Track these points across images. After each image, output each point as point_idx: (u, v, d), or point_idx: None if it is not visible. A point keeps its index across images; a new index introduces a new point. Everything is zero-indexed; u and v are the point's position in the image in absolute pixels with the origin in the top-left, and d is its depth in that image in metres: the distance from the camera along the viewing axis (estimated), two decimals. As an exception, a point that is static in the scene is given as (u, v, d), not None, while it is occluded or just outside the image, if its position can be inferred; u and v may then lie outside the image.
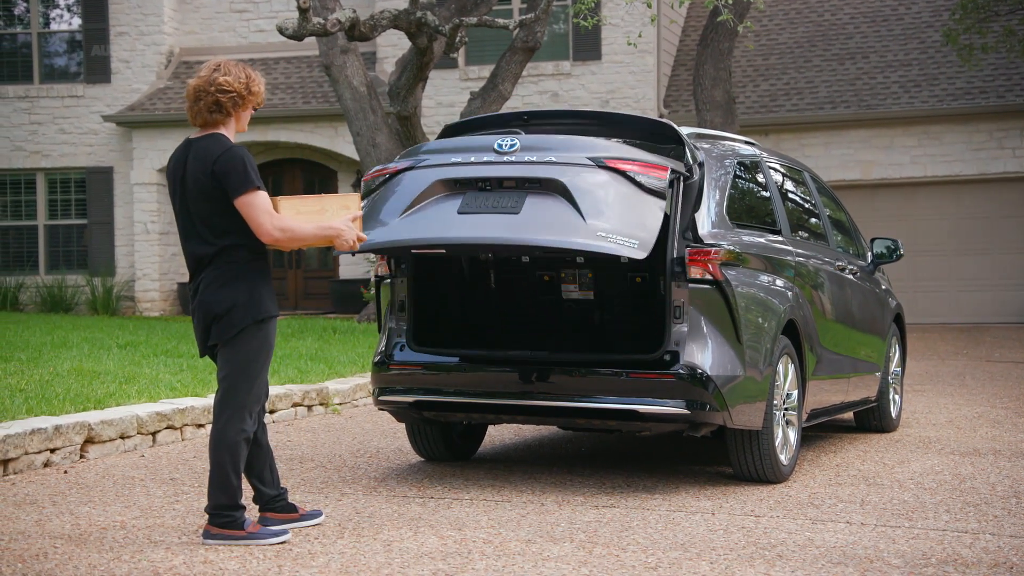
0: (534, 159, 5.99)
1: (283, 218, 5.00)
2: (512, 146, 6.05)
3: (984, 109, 18.67)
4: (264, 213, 4.95)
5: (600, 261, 6.99)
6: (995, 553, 4.98)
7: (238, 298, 5.03)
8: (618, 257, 5.81)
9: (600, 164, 5.92)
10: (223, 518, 5.05)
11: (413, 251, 6.24)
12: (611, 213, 5.78)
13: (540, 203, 5.86)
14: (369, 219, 6.07)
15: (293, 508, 5.38)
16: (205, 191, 5.03)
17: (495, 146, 6.09)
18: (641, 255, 5.68)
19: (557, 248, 5.83)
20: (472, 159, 6.10)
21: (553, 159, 5.96)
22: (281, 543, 5.06)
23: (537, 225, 5.81)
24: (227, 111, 5.07)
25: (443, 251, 6.29)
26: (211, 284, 5.07)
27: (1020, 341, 16.01)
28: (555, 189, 5.88)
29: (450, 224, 5.94)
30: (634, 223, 5.75)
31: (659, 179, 5.88)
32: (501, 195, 5.95)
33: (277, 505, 5.35)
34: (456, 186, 6.07)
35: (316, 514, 5.44)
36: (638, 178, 5.87)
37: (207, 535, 5.07)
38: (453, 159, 6.15)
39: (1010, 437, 8.14)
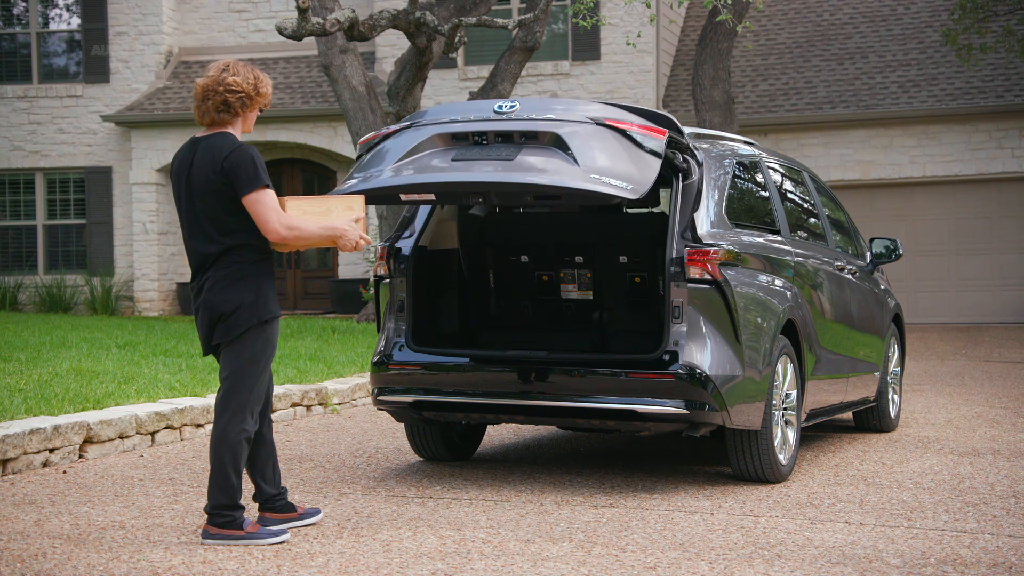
0: (533, 116, 6.02)
1: (290, 217, 5.01)
2: (512, 107, 6.10)
3: (983, 109, 18.67)
4: (272, 211, 4.96)
5: (599, 260, 6.99)
6: (994, 553, 4.98)
7: (244, 298, 5.04)
8: (610, 198, 5.68)
9: (599, 123, 5.96)
10: (222, 518, 5.05)
11: (402, 198, 6.09)
12: (606, 160, 5.78)
13: (535, 152, 5.89)
14: (360, 171, 6.09)
15: (292, 508, 5.39)
16: (213, 188, 5.03)
17: (495, 108, 6.14)
18: (633, 196, 5.66)
19: (548, 188, 5.75)
20: (472, 117, 6.15)
21: (552, 117, 6.01)
22: (280, 543, 5.06)
23: (530, 169, 5.81)
24: (235, 111, 5.09)
25: (432, 197, 6.12)
26: (217, 283, 5.06)
27: (1019, 341, 16.01)
28: (551, 142, 5.89)
29: (441, 170, 5.96)
30: (629, 171, 5.75)
31: (657, 139, 5.88)
32: (497, 147, 5.98)
33: (277, 504, 5.35)
34: (452, 140, 6.10)
35: (314, 512, 5.45)
36: (636, 136, 5.89)
37: (206, 535, 5.07)
38: (452, 117, 6.19)
39: (1009, 437, 8.14)
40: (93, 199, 21.70)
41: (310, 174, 21.84)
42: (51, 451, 6.86)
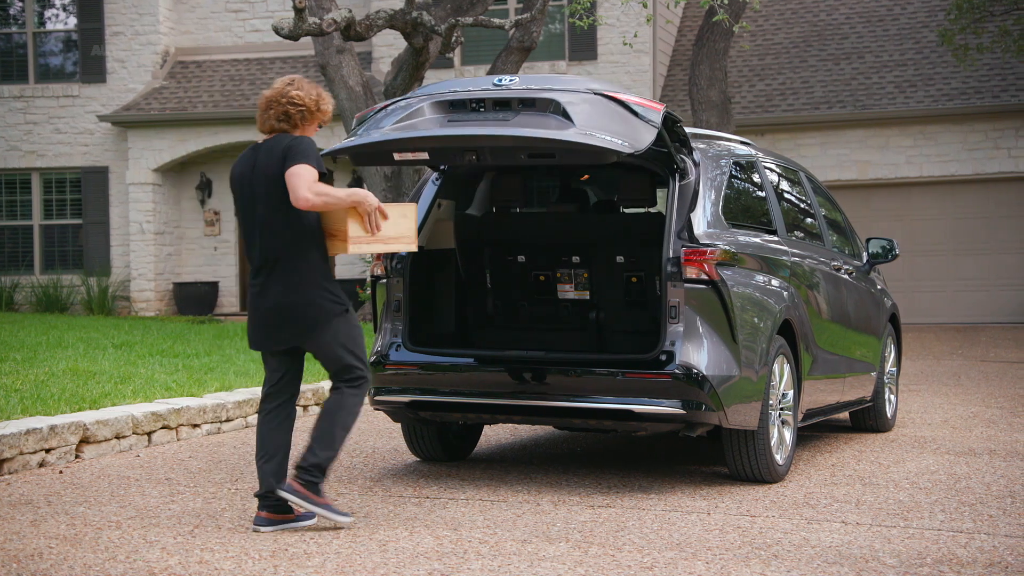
0: (533, 86, 6.05)
1: (320, 184, 5.20)
2: (512, 80, 6.13)
3: (979, 109, 18.69)
4: (305, 181, 5.15)
5: (596, 260, 6.99)
6: (990, 553, 4.98)
7: (319, 295, 5.29)
8: (605, 153, 5.68)
9: (598, 94, 5.98)
10: (311, 476, 5.23)
11: (395, 156, 6.08)
12: (603, 123, 5.80)
13: (532, 115, 5.92)
14: (353, 135, 6.15)
15: (288, 510, 5.37)
16: (278, 181, 5.23)
17: (494, 81, 6.16)
18: (628, 151, 5.67)
19: (542, 142, 5.75)
20: (471, 88, 6.18)
21: (551, 87, 6.04)
22: (346, 524, 5.28)
23: (526, 127, 5.84)
24: (294, 122, 5.36)
25: (425, 155, 6.09)
26: (287, 286, 5.26)
27: (1016, 341, 16.03)
28: (549, 108, 5.92)
29: (436, 129, 6.00)
30: (626, 132, 5.77)
31: (655, 111, 5.90)
32: (494, 112, 6.00)
33: (268, 504, 5.33)
34: (449, 107, 6.12)
35: (309, 516, 5.43)
36: (635, 107, 5.91)
37: (287, 488, 5.23)
38: (451, 89, 6.22)
39: (1005, 437, 8.15)
40: (89, 199, 21.68)
41: (307, 174, 21.81)
42: (47, 451, 6.85)
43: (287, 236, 5.26)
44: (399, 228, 5.45)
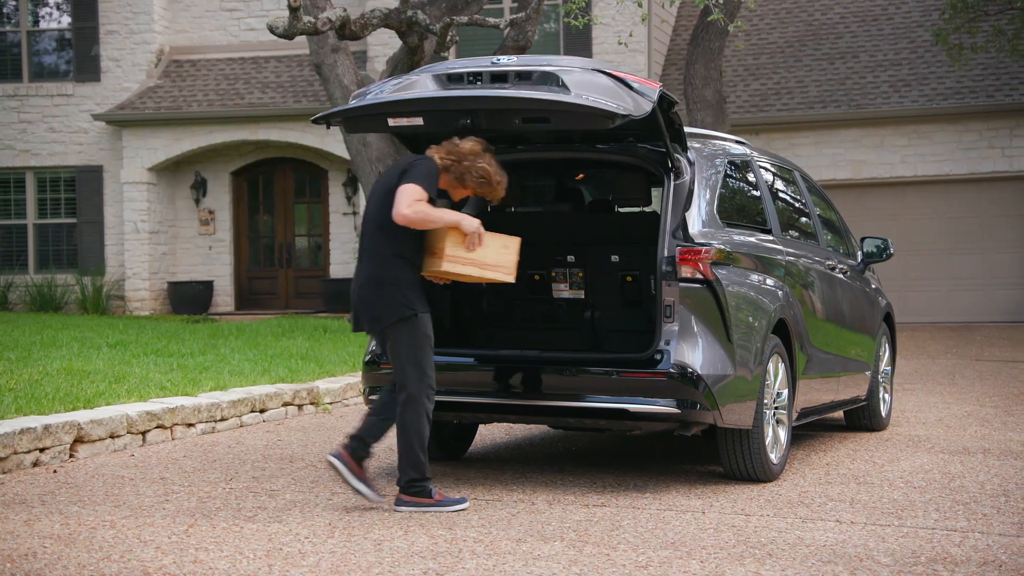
0: (531, 63, 6.08)
1: (421, 203, 5.51)
2: (510, 59, 6.15)
3: (974, 108, 18.71)
4: (409, 198, 5.49)
5: (591, 260, 6.99)
6: (984, 551, 4.99)
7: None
8: (602, 115, 5.68)
9: (596, 70, 6.00)
10: (415, 488, 5.67)
11: (390, 123, 6.07)
12: (600, 92, 5.82)
13: (529, 85, 5.95)
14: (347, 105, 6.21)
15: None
16: (390, 194, 5.61)
17: (493, 60, 6.17)
18: (624, 112, 5.68)
19: (538, 102, 5.77)
20: (469, 65, 6.20)
21: (549, 63, 6.06)
22: (461, 510, 5.63)
23: (522, 90, 5.88)
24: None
25: (420, 121, 6.06)
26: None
27: (1010, 340, 16.05)
28: (546, 80, 5.93)
29: (432, 92, 6.04)
30: (622, 99, 5.79)
31: (651, 88, 5.90)
32: (491, 84, 6.02)
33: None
34: (447, 80, 6.14)
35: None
36: (632, 83, 5.92)
37: (399, 502, 5.68)
38: (450, 67, 6.24)
39: (999, 436, 8.16)
40: (84, 198, 21.65)
41: (302, 173, 21.81)
42: (41, 451, 6.84)
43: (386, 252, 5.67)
44: (499, 257, 5.70)
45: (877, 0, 21.39)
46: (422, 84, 6.14)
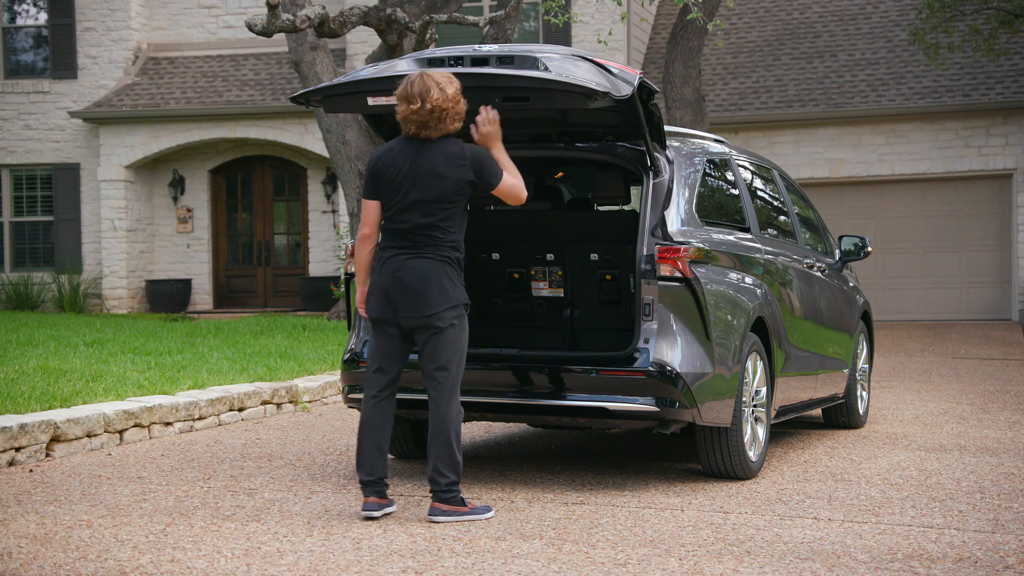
0: (512, 48, 6.07)
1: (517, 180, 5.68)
2: (491, 47, 6.14)
3: (950, 108, 18.82)
4: (519, 181, 5.71)
5: (570, 258, 6.99)
6: (960, 548, 5.02)
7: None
8: (583, 92, 5.68)
9: (577, 56, 6.00)
10: (451, 493, 5.41)
11: (369, 101, 6.03)
12: (580, 73, 5.82)
13: (511, 68, 5.94)
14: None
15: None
16: (456, 184, 5.61)
17: (475, 47, 6.16)
18: (603, 90, 5.67)
19: (519, 79, 5.76)
20: (451, 51, 6.19)
21: (531, 48, 6.05)
22: (490, 518, 5.45)
23: (500, 70, 5.87)
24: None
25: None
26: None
27: (986, 338, 16.16)
28: (527, 64, 5.92)
29: (413, 70, 5.96)
30: (602, 80, 5.79)
31: (631, 73, 5.91)
32: (472, 67, 6.00)
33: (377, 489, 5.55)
34: (428, 63, 6.11)
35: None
36: (612, 69, 5.93)
37: (437, 512, 5.41)
38: (432, 53, 6.23)
39: (975, 433, 8.21)
40: (61, 196, 21.52)
41: (280, 171, 21.75)
42: (17, 450, 6.80)
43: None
44: None
45: (855, 0, 21.49)
46: (403, 67, 6.13)
